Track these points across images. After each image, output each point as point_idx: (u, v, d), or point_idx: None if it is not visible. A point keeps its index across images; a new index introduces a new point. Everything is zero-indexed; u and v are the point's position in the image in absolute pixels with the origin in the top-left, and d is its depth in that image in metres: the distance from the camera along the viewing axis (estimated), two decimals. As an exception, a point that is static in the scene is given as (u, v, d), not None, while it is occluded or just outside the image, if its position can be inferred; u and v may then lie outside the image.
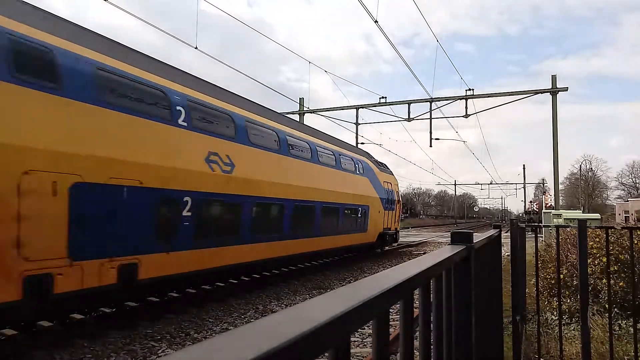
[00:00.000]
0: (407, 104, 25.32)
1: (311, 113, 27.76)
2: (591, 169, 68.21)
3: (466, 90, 23.70)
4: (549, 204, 46.49)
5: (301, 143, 12.69)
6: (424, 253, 9.41)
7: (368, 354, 6.02)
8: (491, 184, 76.13)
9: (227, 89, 10.51)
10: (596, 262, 6.58)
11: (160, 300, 8.49)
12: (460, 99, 23.92)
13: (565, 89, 22.21)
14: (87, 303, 7.07)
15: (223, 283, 10.45)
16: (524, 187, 63.33)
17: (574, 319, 6.46)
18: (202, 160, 8.52)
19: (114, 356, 5.96)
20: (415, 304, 1.02)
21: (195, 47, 13.97)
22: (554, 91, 22.17)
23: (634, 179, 74.74)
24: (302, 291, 10.88)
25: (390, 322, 0.81)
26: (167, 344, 6.55)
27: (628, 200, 62.74)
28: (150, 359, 5.94)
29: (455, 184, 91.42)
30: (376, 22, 14.67)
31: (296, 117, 26.74)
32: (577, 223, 3.95)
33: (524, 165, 60.42)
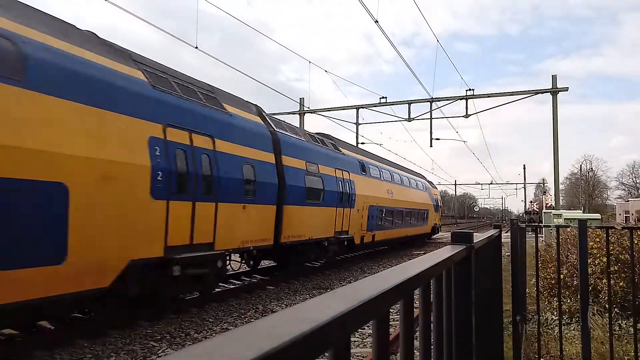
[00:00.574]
0: (408, 104, 25.31)
1: (311, 113, 27.75)
2: (591, 169, 68.15)
3: (466, 90, 23.71)
4: (549, 204, 46.48)
5: (398, 176, 22.15)
6: (424, 253, 9.44)
7: (368, 354, 6.02)
8: (491, 184, 76.15)
9: (384, 158, 21.52)
10: (596, 262, 6.58)
11: (161, 300, 8.49)
12: (461, 99, 23.92)
13: (566, 89, 22.21)
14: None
15: (223, 283, 10.46)
16: (524, 187, 63.31)
17: (574, 319, 6.46)
18: (385, 191, 18.93)
19: (114, 356, 5.96)
20: (415, 304, 1.02)
21: (196, 47, 13.97)
22: (554, 91, 22.16)
23: (634, 179, 74.74)
24: (302, 291, 10.87)
25: (390, 322, 0.81)
26: (167, 344, 6.55)
27: (628, 200, 62.74)
28: (150, 359, 5.94)
29: (456, 184, 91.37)
30: (376, 22, 14.67)
31: (296, 117, 26.75)
32: (577, 223, 3.95)
33: (524, 165, 60.39)
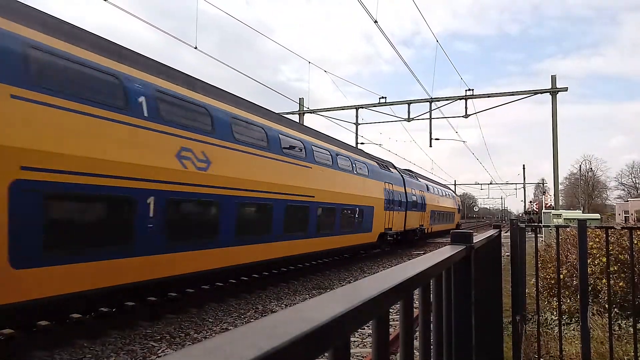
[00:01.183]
0: (407, 104, 25.31)
1: (311, 113, 27.75)
2: (591, 169, 68.26)
3: (466, 91, 23.71)
4: (549, 204, 46.49)
5: (440, 190, 32.65)
6: (424, 253, 9.45)
7: (368, 354, 6.02)
8: (491, 184, 76.20)
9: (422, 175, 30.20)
10: (596, 262, 6.58)
11: (160, 300, 8.50)
12: (460, 99, 23.92)
13: (565, 89, 22.22)
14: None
15: (222, 283, 10.46)
16: (524, 187, 63.35)
17: (574, 319, 6.46)
18: (437, 201, 30.60)
19: (114, 356, 5.96)
20: (415, 304, 1.02)
21: (195, 47, 13.96)
22: (554, 91, 22.17)
23: (633, 179, 74.78)
24: (302, 291, 10.87)
25: (390, 322, 0.81)
26: (167, 344, 6.55)
27: (628, 201, 62.77)
28: (150, 359, 5.94)
29: (455, 184, 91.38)
30: (376, 22, 14.67)
31: (296, 117, 26.73)
32: (577, 223, 3.95)
33: (523, 165, 60.46)
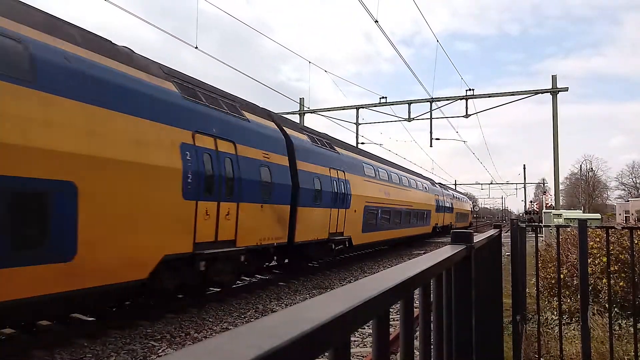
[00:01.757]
0: (408, 104, 25.31)
1: (311, 113, 27.75)
2: (591, 169, 68.15)
3: (466, 90, 23.71)
4: (549, 204, 46.52)
5: (461, 196, 50.43)
6: (424, 253, 9.47)
7: (368, 354, 6.02)
8: (491, 183, 76.17)
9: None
10: (596, 262, 6.58)
11: (160, 300, 8.50)
12: (461, 99, 23.92)
13: (566, 89, 22.21)
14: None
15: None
16: (524, 187, 63.27)
17: (574, 319, 6.46)
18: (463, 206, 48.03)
19: (114, 356, 5.96)
20: (415, 304, 1.02)
21: (196, 47, 13.96)
22: (554, 91, 22.17)
23: (634, 179, 74.77)
24: (302, 291, 10.88)
25: (390, 322, 0.81)
26: (167, 344, 6.55)
27: (628, 200, 62.77)
28: (150, 359, 5.94)
29: (456, 184, 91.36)
30: (376, 22, 14.67)
31: (296, 117, 26.73)
32: (577, 223, 3.95)
33: (524, 165, 60.33)
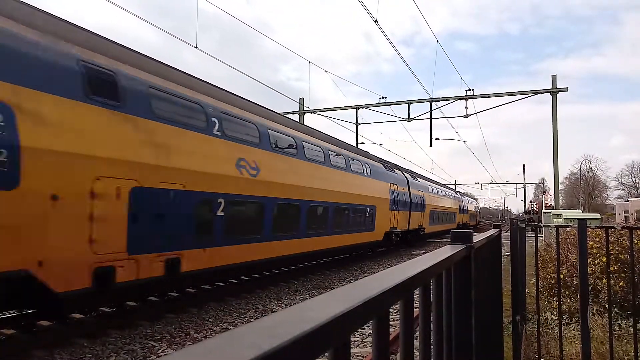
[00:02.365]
0: (407, 104, 25.31)
1: (311, 113, 27.75)
2: (591, 168, 68.24)
3: (466, 90, 23.70)
4: (549, 204, 46.55)
5: (473, 201, 61.83)
6: (424, 253, 9.44)
7: (368, 354, 6.02)
8: (491, 183, 76.18)
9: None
10: (596, 262, 6.58)
11: (160, 300, 8.50)
12: (460, 99, 23.92)
13: (565, 89, 22.21)
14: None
15: (222, 283, 10.46)
16: (524, 187, 63.31)
17: (574, 319, 6.46)
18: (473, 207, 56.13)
19: (114, 356, 5.96)
20: (415, 304, 1.02)
21: (195, 47, 13.96)
22: (554, 91, 22.17)
23: (633, 179, 74.79)
24: (302, 291, 10.87)
25: (390, 322, 0.81)
26: (167, 344, 6.55)
27: (628, 200, 62.77)
28: (150, 359, 5.94)
29: (455, 184, 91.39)
30: (376, 22, 14.67)
31: (296, 117, 26.73)
32: (577, 223, 3.95)
33: (524, 165, 60.41)
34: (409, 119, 25.24)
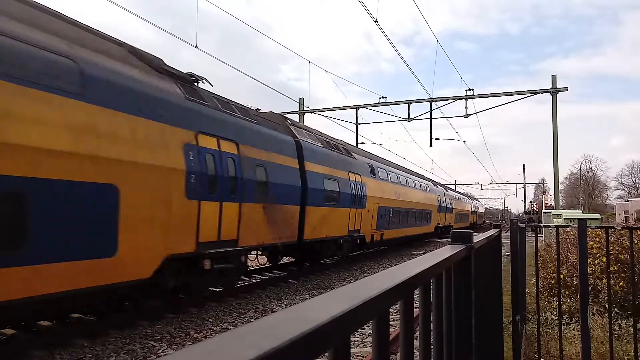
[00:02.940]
0: (407, 104, 25.31)
1: (311, 113, 27.75)
2: (591, 168, 68.25)
3: (466, 90, 23.71)
4: (549, 204, 46.57)
5: (480, 203, 75.67)
6: (423, 253, 9.48)
7: (368, 354, 6.02)
8: (491, 183, 76.17)
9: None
10: (596, 262, 6.58)
11: (160, 300, 8.50)
12: (460, 99, 23.92)
13: (565, 89, 22.21)
14: None
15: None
16: (524, 187, 63.30)
17: (574, 319, 6.46)
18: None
19: (114, 356, 5.96)
20: (415, 304, 1.02)
21: (195, 46, 13.96)
22: (554, 91, 22.17)
23: (633, 179, 74.83)
24: (302, 291, 10.87)
25: (390, 322, 0.81)
26: (167, 343, 6.56)
27: (628, 200, 62.78)
28: (150, 358, 5.94)
29: (455, 184, 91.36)
30: (376, 22, 14.67)
31: (296, 117, 26.73)
32: (577, 223, 3.95)
33: (523, 165, 60.42)
34: (409, 119, 25.24)
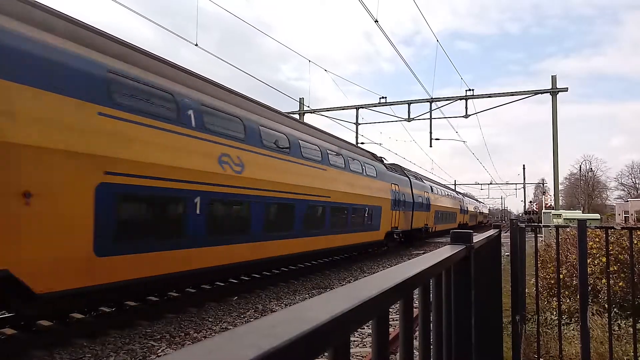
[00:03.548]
0: (407, 104, 25.31)
1: (311, 113, 27.75)
2: (591, 169, 68.27)
3: (466, 91, 23.69)
4: (549, 204, 46.61)
5: (484, 204, 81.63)
6: (423, 253, 9.48)
7: (368, 354, 6.02)
8: (491, 184, 76.15)
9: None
10: (596, 262, 6.59)
11: (160, 300, 8.50)
12: (460, 99, 23.92)
13: (565, 89, 22.21)
14: None
15: (222, 283, 10.46)
16: (524, 187, 63.28)
17: (573, 319, 6.46)
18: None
19: (114, 356, 5.96)
20: (415, 304, 1.02)
21: (196, 45, 13.95)
22: (554, 91, 22.17)
23: (633, 179, 74.86)
24: (302, 291, 10.87)
25: (390, 322, 0.81)
26: (167, 343, 6.55)
27: (628, 201, 62.80)
28: (150, 358, 5.94)
29: (455, 184, 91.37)
30: (376, 21, 14.67)
31: (296, 117, 26.72)
32: (577, 223, 3.95)
33: (523, 165, 60.38)
34: (409, 119, 25.24)
